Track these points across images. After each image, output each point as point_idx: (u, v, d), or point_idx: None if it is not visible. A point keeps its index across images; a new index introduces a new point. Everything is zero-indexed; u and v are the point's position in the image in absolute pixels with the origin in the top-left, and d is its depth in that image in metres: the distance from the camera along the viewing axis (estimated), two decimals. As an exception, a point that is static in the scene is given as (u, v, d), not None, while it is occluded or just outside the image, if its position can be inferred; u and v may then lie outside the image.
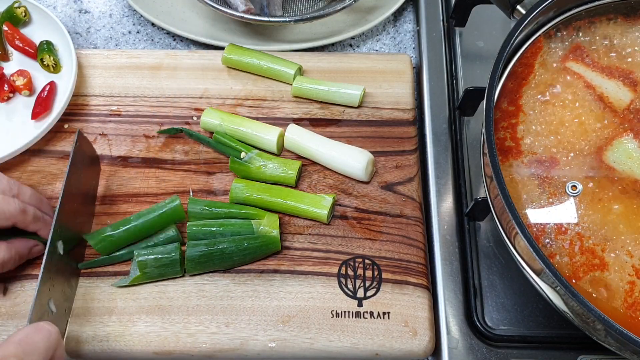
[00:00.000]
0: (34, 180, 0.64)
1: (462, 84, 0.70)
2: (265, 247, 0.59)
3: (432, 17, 0.76)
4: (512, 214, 0.44)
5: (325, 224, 0.62)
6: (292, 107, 0.69)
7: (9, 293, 0.58)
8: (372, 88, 0.70)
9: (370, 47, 0.78)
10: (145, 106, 0.68)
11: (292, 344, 0.56)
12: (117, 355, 0.56)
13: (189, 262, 0.57)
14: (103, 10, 0.80)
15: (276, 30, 0.76)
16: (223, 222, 0.59)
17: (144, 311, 0.57)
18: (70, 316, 0.57)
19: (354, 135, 0.67)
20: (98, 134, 0.67)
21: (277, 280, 0.59)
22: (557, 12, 0.56)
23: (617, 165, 0.51)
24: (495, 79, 0.50)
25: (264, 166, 0.63)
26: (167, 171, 0.65)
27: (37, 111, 0.65)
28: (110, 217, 0.62)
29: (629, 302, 0.46)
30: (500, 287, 0.60)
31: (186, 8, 0.77)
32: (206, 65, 0.71)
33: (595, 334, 0.46)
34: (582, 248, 0.48)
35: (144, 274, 0.56)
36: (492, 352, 0.57)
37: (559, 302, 0.46)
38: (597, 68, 0.55)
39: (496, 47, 0.51)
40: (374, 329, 0.57)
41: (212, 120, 0.65)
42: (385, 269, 0.60)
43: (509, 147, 0.52)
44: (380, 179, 0.65)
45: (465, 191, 0.64)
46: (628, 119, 0.53)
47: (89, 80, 0.70)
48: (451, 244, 0.61)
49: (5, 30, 0.69)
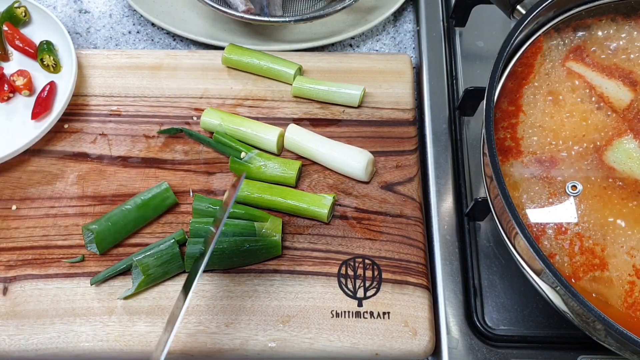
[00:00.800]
0: (34, 180, 0.64)
1: (462, 84, 0.70)
2: (265, 250, 0.59)
3: (432, 17, 0.76)
4: (512, 214, 0.44)
5: (325, 223, 0.62)
6: (292, 107, 0.69)
7: (8, 293, 0.58)
8: (372, 88, 0.70)
9: (370, 47, 0.78)
10: (145, 106, 0.68)
11: (292, 344, 0.56)
12: (117, 355, 0.56)
13: (188, 260, 0.57)
14: (103, 10, 0.80)
15: (276, 30, 0.76)
16: (226, 222, 0.59)
17: (144, 311, 0.57)
18: (70, 316, 0.57)
19: (354, 135, 0.67)
20: (98, 134, 0.67)
21: (277, 280, 0.59)
22: (557, 12, 0.56)
23: (617, 165, 0.51)
24: (495, 79, 0.50)
25: (264, 166, 0.63)
26: (167, 171, 0.65)
27: (37, 111, 0.65)
28: (110, 217, 0.62)
29: (629, 302, 0.46)
30: (500, 287, 0.60)
31: (186, 8, 0.77)
32: (206, 65, 0.71)
33: (595, 334, 0.46)
34: (582, 248, 0.48)
35: (147, 275, 0.56)
36: (492, 352, 0.57)
37: (559, 302, 0.46)
38: (597, 68, 0.55)
39: (496, 47, 0.51)
40: (374, 329, 0.57)
41: (212, 120, 0.65)
42: (385, 269, 0.60)
43: (509, 147, 0.52)
44: (380, 179, 0.65)
45: (465, 191, 0.64)
46: (628, 119, 0.53)
47: (89, 80, 0.70)
48: (451, 244, 0.61)
49: (5, 30, 0.69)
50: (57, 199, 0.63)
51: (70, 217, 0.62)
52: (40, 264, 0.59)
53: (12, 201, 0.63)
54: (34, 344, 0.56)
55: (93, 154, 0.65)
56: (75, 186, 0.64)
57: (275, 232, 0.59)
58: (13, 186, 0.63)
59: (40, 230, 0.61)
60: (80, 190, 0.63)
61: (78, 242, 0.60)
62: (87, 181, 0.64)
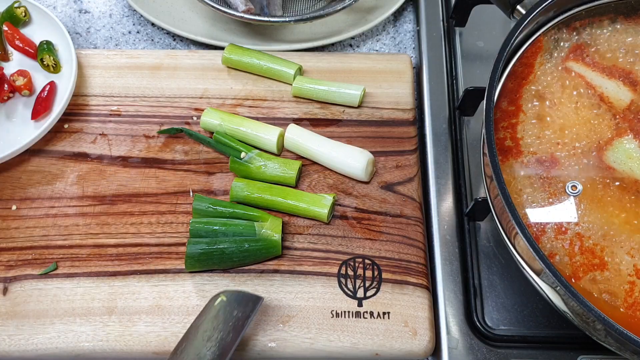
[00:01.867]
0: (34, 180, 0.64)
1: (462, 84, 0.70)
2: (265, 250, 0.59)
3: (432, 17, 0.76)
4: (512, 214, 0.44)
5: (326, 223, 0.62)
6: (292, 107, 0.69)
7: (8, 293, 0.58)
8: (372, 88, 0.70)
9: (370, 47, 0.78)
10: (145, 106, 0.68)
11: (292, 344, 0.56)
12: (117, 355, 0.56)
13: (188, 259, 0.57)
14: (103, 10, 0.80)
15: (276, 30, 0.76)
16: (226, 222, 0.59)
17: (144, 311, 0.57)
18: (70, 316, 0.57)
19: (354, 135, 0.67)
20: (98, 134, 0.67)
21: (277, 280, 0.59)
22: (557, 12, 0.56)
23: (617, 165, 0.51)
24: (495, 79, 0.50)
25: (264, 166, 0.63)
26: (167, 171, 0.65)
27: (37, 111, 0.65)
28: (110, 217, 0.62)
29: (629, 302, 0.46)
30: (500, 287, 0.60)
31: (186, 8, 0.77)
32: (206, 65, 0.71)
33: (595, 334, 0.46)
34: (582, 248, 0.48)
35: None
36: (492, 352, 0.57)
37: (559, 302, 0.46)
38: (597, 68, 0.55)
39: (496, 47, 0.51)
40: (374, 329, 0.57)
41: (212, 120, 0.65)
42: (385, 269, 0.60)
43: (509, 147, 0.52)
44: (380, 179, 0.65)
45: (465, 191, 0.64)
46: (628, 119, 0.53)
47: (89, 80, 0.70)
48: (451, 244, 0.61)
49: (5, 30, 0.69)
50: (57, 199, 0.63)
51: (70, 217, 0.62)
52: (40, 264, 0.59)
53: (12, 201, 0.63)
54: (34, 344, 0.56)
55: (93, 154, 0.65)
56: (75, 186, 0.64)
57: (275, 232, 0.59)
58: (13, 186, 0.63)
59: (40, 230, 0.61)
60: (80, 190, 0.63)
61: (78, 242, 0.60)
62: (87, 181, 0.64)
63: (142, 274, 0.59)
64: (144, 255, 0.60)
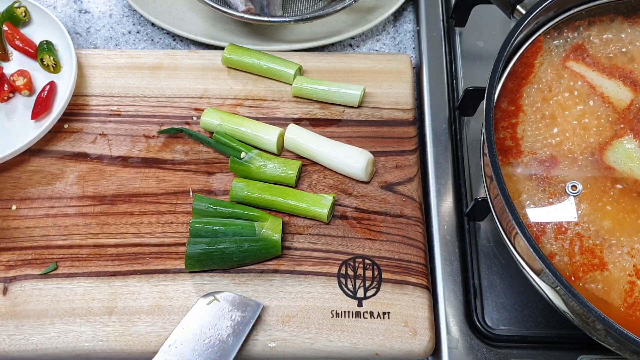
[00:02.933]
0: (34, 180, 0.64)
1: (462, 84, 0.70)
2: (265, 250, 0.59)
3: (432, 17, 0.76)
4: (512, 214, 0.44)
5: (326, 223, 0.62)
6: (292, 107, 0.69)
7: (8, 293, 0.58)
8: (372, 88, 0.70)
9: (370, 47, 0.78)
10: (145, 106, 0.68)
11: (292, 344, 0.56)
12: (117, 355, 0.56)
13: (188, 259, 0.57)
14: (103, 10, 0.80)
15: (276, 30, 0.76)
16: (226, 222, 0.59)
17: (144, 311, 0.57)
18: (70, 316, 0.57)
19: (354, 135, 0.67)
20: (98, 134, 0.67)
21: (277, 280, 0.59)
22: (557, 12, 0.56)
23: (617, 165, 0.51)
24: (495, 79, 0.50)
25: (264, 166, 0.63)
26: (167, 171, 0.65)
27: (37, 111, 0.65)
28: (110, 217, 0.62)
29: (629, 302, 0.46)
30: (500, 287, 0.60)
31: (186, 8, 0.77)
32: (206, 65, 0.71)
33: (595, 334, 0.46)
34: (582, 248, 0.48)
35: None
36: (492, 352, 0.57)
37: (559, 302, 0.46)
38: (597, 68, 0.55)
39: (496, 47, 0.51)
40: (374, 329, 0.57)
41: (212, 120, 0.65)
42: (385, 269, 0.60)
43: (509, 147, 0.52)
44: (380, 179, 0.65)
45: (465, 191, 0.64)
46: (628, 119, 0.53)
47: (89, 80, 0.70)
48: (451, 244, 0.61)
49: (5, 30, 0.69)
50: (57, 199, 0.63)
51: (70, 217, 0.62)
52: (40, 264, 0.59)
53: (12, 201, 0.63)
54: (34, 344, 0.56)
55: (93, 154, 0.65)
56: (75, 186, 0.64)
57: (275, 232, 0.59)
58: (13, 186, 0.63)
59: (40, 230, 0.61)
60: (80, 190, 0.63)
61: (78, 242, 0.60)
62: (87, 181, 0.64)
63: (142, 274, 0.59)
64: (144, 255, 0.60)
